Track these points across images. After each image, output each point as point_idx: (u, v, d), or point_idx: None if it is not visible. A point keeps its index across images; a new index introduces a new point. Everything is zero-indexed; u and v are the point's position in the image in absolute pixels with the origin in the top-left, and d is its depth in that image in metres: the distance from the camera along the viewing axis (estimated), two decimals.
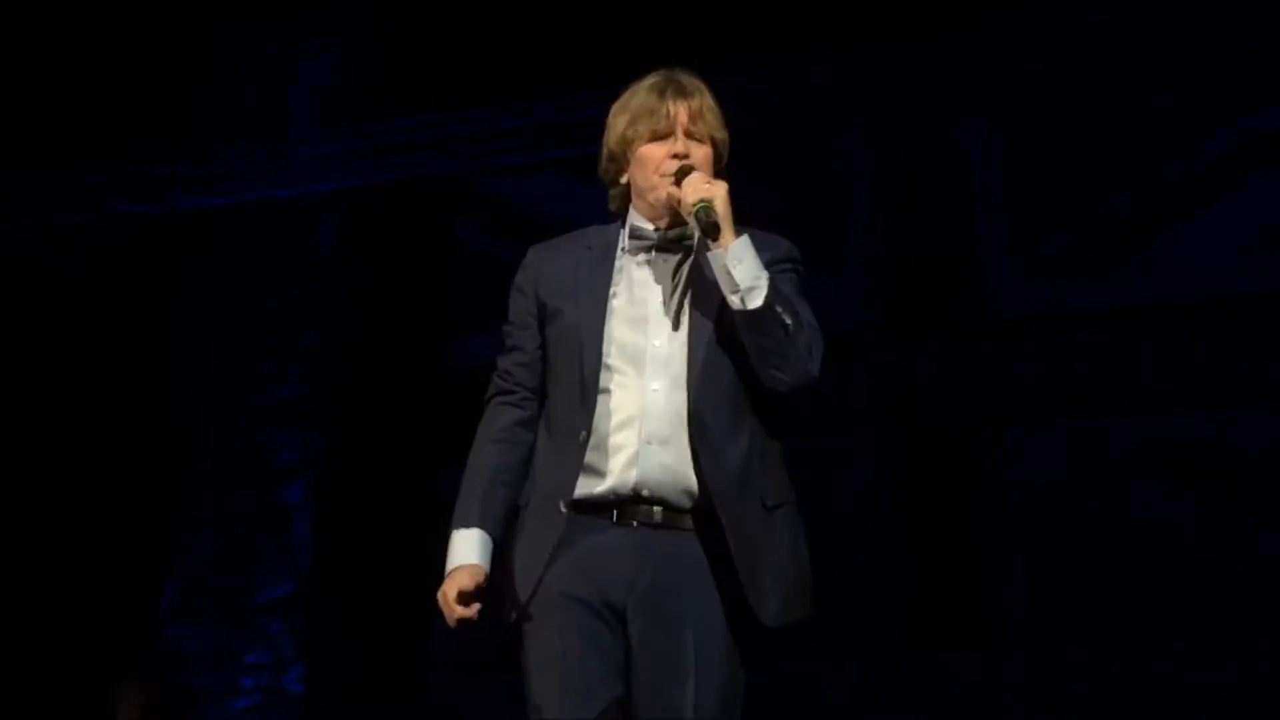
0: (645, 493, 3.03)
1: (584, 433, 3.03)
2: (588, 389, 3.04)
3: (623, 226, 3.18)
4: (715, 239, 3.00)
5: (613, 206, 3.24)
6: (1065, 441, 5.55)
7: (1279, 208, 5.44)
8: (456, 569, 3.07)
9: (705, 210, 3.00)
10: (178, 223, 6.72)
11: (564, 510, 3.02)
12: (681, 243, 3.14)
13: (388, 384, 6.39)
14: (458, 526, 3.09)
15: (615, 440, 3.04)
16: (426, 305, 6.43)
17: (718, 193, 3.03)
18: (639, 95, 3.18)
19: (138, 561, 6.36)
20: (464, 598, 3.05)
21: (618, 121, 3.18)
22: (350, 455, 6.40)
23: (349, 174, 6.54)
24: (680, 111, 3.14)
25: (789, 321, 3.03)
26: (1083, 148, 5.65)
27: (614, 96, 5.95)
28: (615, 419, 3.04)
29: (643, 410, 3.05)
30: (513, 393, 3.14)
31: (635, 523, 3.03)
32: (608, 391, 3.05)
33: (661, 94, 3.15)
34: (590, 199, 6.04)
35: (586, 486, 3.03)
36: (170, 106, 6.55)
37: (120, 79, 6.45)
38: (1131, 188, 5.63)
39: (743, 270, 3.02)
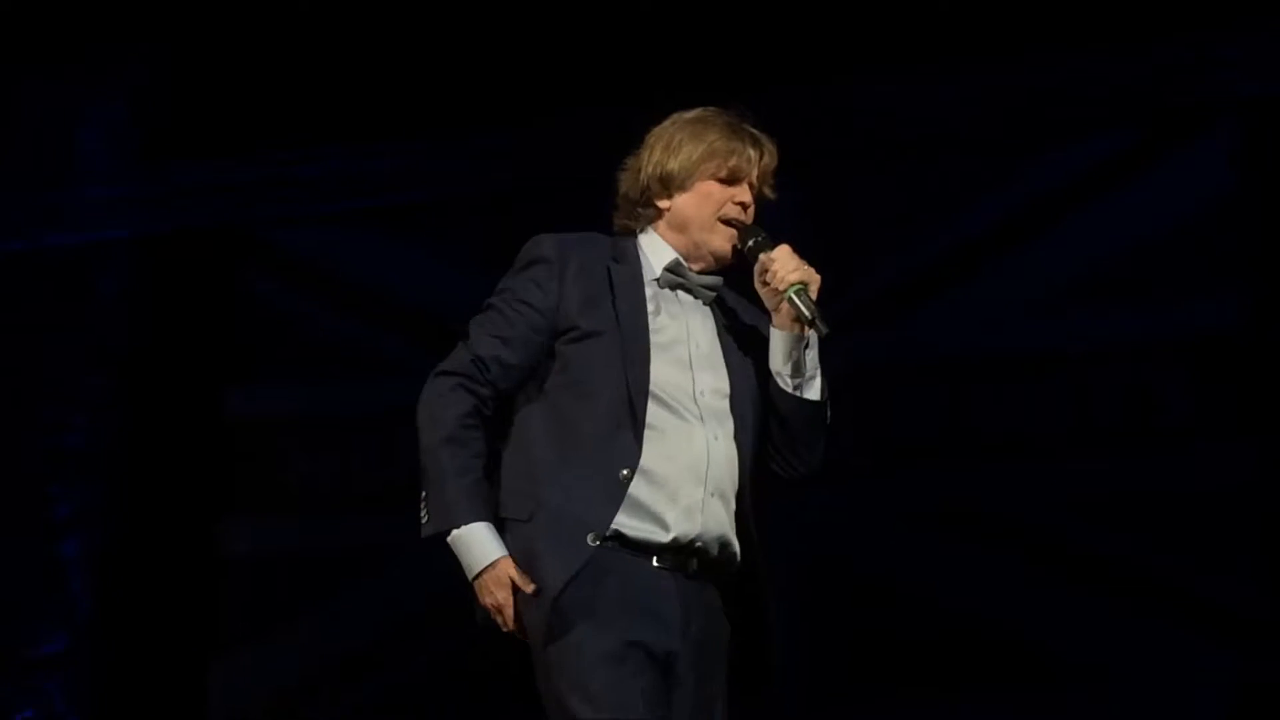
0: (699, 544, 2.95)
1: (626, 470, 2.90)
2: (637, 422, 2.92)
3: (639, 248, 3.11)
4: (808, 325, 3.00)
5: (631, 224, 3.16)
6: (845, 498, 5.51)
7: (1061, 269, 5.51)
8: (503, 559, 2.89)
9: (804, 294, 3.00)
10: None
11: (592, 544, 2.88)
12: (709, 290, 3.12)
13: (171, 435, 6.24)
14: (471, 519, 2.89)
15: (677, 485, 2.94)
16: (212, 355, 6.30)
17: (815, 277, 3.03)
18: (716, 129, 3.11)
19: None
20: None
21: (689, 147, 3.09)
22: (132, 507, 6.23)
23: (135, 220, 6.38)
24: (757, 163, 3.11)
25: (829, 417, 3.07)
26: (868, 207, 5.69)
27: (409, 149, 6.01)
28: (678, 463, 2.94)
29: (708, 459, 2.96)
30: (485, 386, 2.98)
31: (674, 569, 2.94)
32: (659, 431, 2.95)
33: (741, 138, 3.10)
34: (381, 251, 6.11)
35: (640, 530, 2.91)
36: None
37: None
38: (914, 247, 5.67)
39: (811, 358, 3.04)
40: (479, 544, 2.90)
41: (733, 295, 3.18)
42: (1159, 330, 5.33)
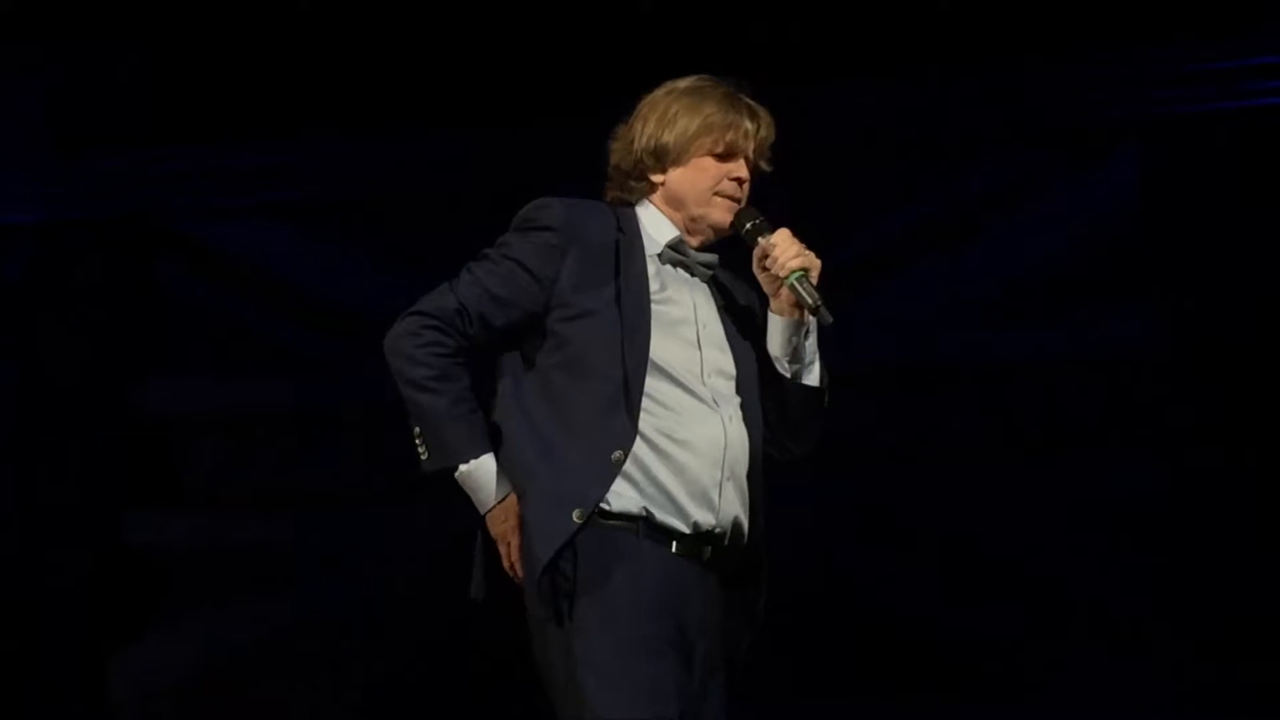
0: (717, 530, 2.89)
1: (620, 451, 2.82)
2: (632, 403, 2.84)
3: (638, 220, 3.04)
4: (811, 312, 2.94)
5: (625, 196, 3.09)
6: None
7: (958, 282, 5.53)
8: (512, 493, 2.85)
9: (806, 280, 2.93)
10: None
11: (577, 521, 2.80)
12: (706, 269, 3.06)
13: (78, 424, 6.12)
14: (478, 453, 2.86)
15: (698, 470, 2.87)
16: (119, 345, 6.18)
17: (815, 262, 2.97)
18: (713, 101, 3.03)
19: None
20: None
21: (684, 120, 3.02)
22: (38, 494, 6.11)
23: (43, 208, 6.22)
24: (754, 137, 3.04)
25: (827, 402, 3.02)
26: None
27: (322, 143, 5.89)
28: (697, 447, 2.87)
29: (725, 441, 2.90)
30: (462, 338, 2.91)
31: (690, 556, 2.87)
32: (673, 410, 2.88)
33: (739, 110, 3.03)
34: (296, 244, 6.02)
35: (660, 515, 2.84)
36: None
37: None
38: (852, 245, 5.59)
39: (811, 344, 2.99)
40: (490, 478, 2.87)
41: (726, 274, 3.13)
42: (1143, 328, 5.37)
